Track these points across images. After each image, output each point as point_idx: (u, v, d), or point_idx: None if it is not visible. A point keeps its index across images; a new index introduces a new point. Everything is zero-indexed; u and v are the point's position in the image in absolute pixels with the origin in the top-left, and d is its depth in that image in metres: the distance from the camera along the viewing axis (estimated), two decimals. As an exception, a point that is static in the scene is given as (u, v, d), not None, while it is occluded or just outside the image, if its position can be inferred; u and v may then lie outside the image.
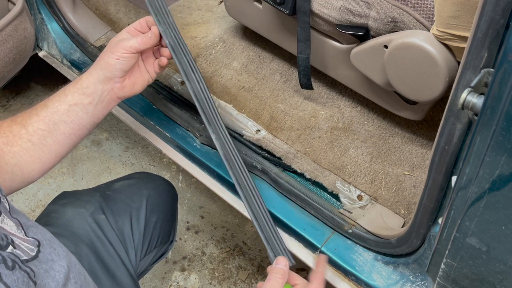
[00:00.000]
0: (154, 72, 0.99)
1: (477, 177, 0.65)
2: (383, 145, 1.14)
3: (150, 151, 1.79)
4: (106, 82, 0.91)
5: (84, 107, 0.89)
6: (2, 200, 0.61)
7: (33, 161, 0.85)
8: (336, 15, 0.99)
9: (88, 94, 0.89)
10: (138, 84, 0.96)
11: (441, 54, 0.88)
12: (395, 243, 0.91)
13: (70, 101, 0.88)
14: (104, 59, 0.91)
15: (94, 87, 0.90)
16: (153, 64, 0.98)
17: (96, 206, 0.98)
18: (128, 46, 0.91)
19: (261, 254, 1.54)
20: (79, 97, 0.89)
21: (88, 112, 0.90)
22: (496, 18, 0.57)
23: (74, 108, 0.89)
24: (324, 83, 1.26)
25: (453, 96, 0.67)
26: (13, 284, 0.52)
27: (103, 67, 0.91)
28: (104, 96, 0.91)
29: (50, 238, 0.66)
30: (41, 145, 0.86)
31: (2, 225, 0.58)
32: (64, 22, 1.41)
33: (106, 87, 0.91)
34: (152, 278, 1.50)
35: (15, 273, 0.54)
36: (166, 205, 1.08)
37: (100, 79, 0.90)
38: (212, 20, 1.43)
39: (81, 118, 0.89)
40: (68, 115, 0.88)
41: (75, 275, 0.66)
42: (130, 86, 0.95)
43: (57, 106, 0.88)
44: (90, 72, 0.91)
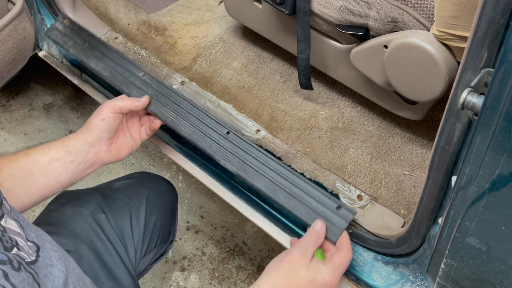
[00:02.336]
0: (139, 139, 1.02)
1: (477, 177, 0.65)
2: (383, 145, 1.14)
3: (150, 151, 1.79)
4: (93, 143, 0.93)
5: (65, 164, 0.90)
6: (4, 201, 0.61)
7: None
8: (336, 15, 0.99)
9: (72, 153, 0.91)
10: (123, 150, 0.99)
11: (441, 54, 0.88)
12: (395, 243, 0.91)
13: (53, 156, 0.89)
14: (90, 121, 0.95)
15: (81, 147, 0.92)
16: (139, 131, 1.02)
17: (96, 206, 0.98)
18: (113, 105, 0.95)
19: (261, 254, 1.55)
20: (62, 154, 0.90)
21: (67, 169, 0.90)
22: (496, 18, 0.57)
23: (54, 162, 0.89)
24: (324, 83, 1.26)
25: (453, 96, 0.67)
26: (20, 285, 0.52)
27: (91, 129, 0.93)
28: (89, 158, 0.92)
29: (50, 241, 0.66)
30: (10, 192, 0.84)
31: (6, 225, 0.58)
32: (64, 22, 1.41)
33: (92, 149, 0.93)
34: (152, 278, 1.50)
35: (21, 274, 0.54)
36: (166, 204, 1.08)
37: (88, 140, 0.92)
38: (212, 20, 1.43)
39: (58, 174, 0.89)
40: (46, 168, 0.88)
41: (74, 280, 0.66)
42: (116, 151, 0.97)
43: (39, 157, 0.88)
44: (78, 133, 0.94)
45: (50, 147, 0.90)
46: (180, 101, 1.06)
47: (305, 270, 0.80)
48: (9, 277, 0.52)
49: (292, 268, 0.80)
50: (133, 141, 1.01)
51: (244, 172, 0.98)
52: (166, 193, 1.10)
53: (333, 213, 0.90)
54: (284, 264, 0.81)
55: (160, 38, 1.36)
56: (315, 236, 0.85)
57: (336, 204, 0.91)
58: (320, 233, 0.86)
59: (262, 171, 0.97)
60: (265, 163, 0.97)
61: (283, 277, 0.79)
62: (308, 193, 0.93)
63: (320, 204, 0.91)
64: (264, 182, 0.96)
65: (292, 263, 0.81)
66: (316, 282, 0.80)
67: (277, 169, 0.96)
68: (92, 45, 1.21)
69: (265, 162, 0.97)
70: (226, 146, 1.00)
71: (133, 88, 1.09)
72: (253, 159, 0.98)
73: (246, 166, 0.98)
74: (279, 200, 0.94)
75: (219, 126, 1.02)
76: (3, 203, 0.60)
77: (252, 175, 0.97)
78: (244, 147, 1.00)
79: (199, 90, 1.25)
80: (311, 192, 0.93)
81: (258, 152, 0.99)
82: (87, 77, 1.37)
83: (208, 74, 1.28)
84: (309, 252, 0.82)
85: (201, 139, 1.02)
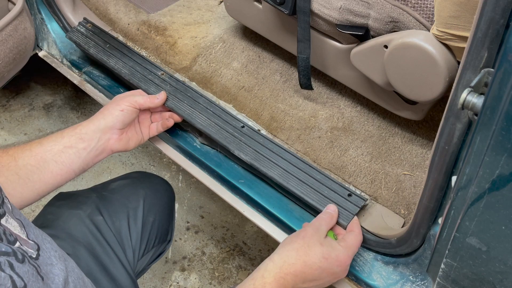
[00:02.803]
0: (147, 134, 1.07)
1: (477, 177, 0.65)
2: (383, 145, 1.14)
3: (150, 151, 1.79)
4: (105, 131, 0.95)
5: (78, 151, 0.92)
6: (5, 200, 0.61)
7: (14, 194, 0.85)
8: (336, 15, 0.99)
9: (84, 140, 0.93)
10: (132, 141, 1.03)
11: (441, 54, 0.88)
12: (395, 243, 0.91)
13: (66, 143, 0.91)
14: (108, 109, 0.97)
15: (93, 134, 0.94)
16: (149, 127, 1.07)
17: (93, 208, 0.98)
18: (134, 100, 0.99)
19: (261, 254, 1.55)
20: (75, 141, 0.92)
21: (80, 156, 0.92)
22: (496, 18, 0.57)
23: (68, 150, 0.91)
24: (324, 83, 1.26)
25: (453, 96, 0.67)
26: (25, 275, 0.53)
27: (106, 116, 0.96)
28: (100, 145, 0.95)
29: (50, 241, 0.66)
30: (27, 180, 0.86)
31: (6, 225, 0.58)
32: (64, 22, 1.41)
33: (104, 136, 0.95)
34: (152, 278, 1.50)
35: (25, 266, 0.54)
36: (163, 204, 1.08)
37: (101, 127, 0.95)
38: (212, 20, 1.43)
39: (72, 161, 0.91)
40: (60, 155, 0.90)
41: (74, 279, 0.66)
42: (125, 141, 1.00)
43: (52, 145, 0.90)
44: (91, 119, 0.96)
45: (63, 135, 0.92)
46: (197, 97, 1.13)
47: (319, 245, 0.81)
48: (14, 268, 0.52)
49: (306, 242, 0.81)
50: (141, 136, 1.05)
51: (258, 162, 1.03)
52: (163, 192, 1.10)
53: (344, 199, 0.95)
54: (299, 239, 0.82)
55: (160, 38, 1.37)
56: (328, 217, 0.89)
57: (348, 192, 0.96)
58: (333, 215, 0.90)
59: (275, 161, 1.02)
60: (278, 153, 1.03)
61: (297, 251, 0.80)
62: (320, 181, 0.98)
63: (331, 191, 0.97)
64: (277, 171, 1.01)
65: (307, 238, 0.82)
66: (329, 258, 0.81)
67: (289, 160, 1.02)
68: (113, 46, 1.28)
69: (278, 153, 1.03)
70: (240, 138, 1.06)
71: (151, 84, 1.16)
72: (267, 150, 1.04)
73: (260, 156, 1.03)
74: (292, 187, 0.99)
75: (235, 121, 1.09)
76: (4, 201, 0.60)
77: (266, 165, 1.02)
78: (258, 139, 1.06)
79: (199, 90, 1.25)
80: (322, 180, 0.98)
81: (272, 144, 1.05)
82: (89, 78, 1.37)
83: (208, 74, 1.28)
84: (322, 230, 0.85)
85: (217, 131, 1.07)
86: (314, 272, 0.80)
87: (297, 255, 0.80)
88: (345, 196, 0.96)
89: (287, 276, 0.78)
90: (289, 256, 0.80)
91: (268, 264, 0.80)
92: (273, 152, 1.03)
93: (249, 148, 1.05)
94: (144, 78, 1.18)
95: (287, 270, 0.79)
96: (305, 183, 0.98)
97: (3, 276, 0.50)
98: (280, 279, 0.78)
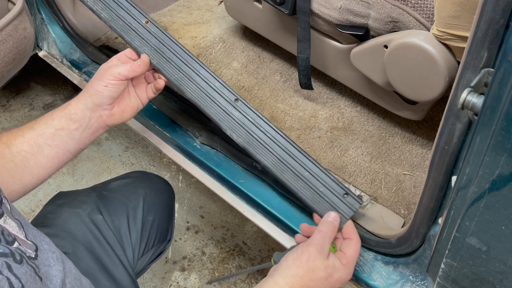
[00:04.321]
0: (146, 98, 0.98)
1: (477, 177, 0.65)
2: (383, 145, 1.14)
3: (150, 151, 1.79)
4: (94, 109, 0.90)
5: (70, 133, 0.89)
6: (4, 201, 0.61)
7: (14, 182, 0.84)
8: (336, 15, 0.99)
9: (75, 120, 0.89)
10: (127, 112, 0.96)
11: (441, 54, 0.88)
12: (395, 243, 0.91)
13: (57, 126, 0.88)
14: (92, 86, 0.91)
15: (82, 113, 0.89)
16: (146, 89, 0.98)
17: (92, 207, 0.97)
18: (117, 73, 0.90)
19: (261, 254, 1.55)
20: (66, 122, 0.89)
21: (74, 137, 0.90)
22: (496, 18, 0.57)
23: (60, 132, 0.88)
24: (324, 83, 1.26)
25: (453, 96, 0.67)
26: (23, 276, 0.53)
27: (92, 94, 0.90)
28: (92, 123, 0.91)
29: (48, 242, 0.66)
30: (23, 167, 0.85)
31: (4, 225, 0.58)
32: (64, 22, 1.41)
33: (94, 114, 0.90)
34: (152, 278, 1.50)
35: (23, 267, 0.54)
36: (163, 203, 1.08)
37: (88, 106, 0.90)
38: (212, 20, 1.43)
39: (66, 143, 0.89)
40: (53, 139, 0.87)
41: (71, 280, 0.66)
42: (119, 114, 0.94)
43: (43, 129, 0.87)
44: (78, 98, 0.91)
45: (53, 117, 0.89)
46: (186, 58, 0.98)
47: (323, 269, 0.81)
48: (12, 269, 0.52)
49: (310, 268, 0.80)
50: (138, 101, 0.97)
51: (251, 146, 0.94)
52: (163, 192, 1.10)
53: (340, 200, 0.89)
54: (303, 263, 0.81)
55: (160, 38, 1.36)
56: (330, 230, 0.85)
57: (344, 191, 0.90)
58: (335, 226, 0.86)
59: (271, 148, 0.93)
60: (273, 139, 0.94)
61: (302, 278, 0.80)
62: (316, 176, 0.91)
63: (327, 189, 0.90)
64: (271, 160, 0.93)
65: (311, 262, 0.81)
66: (331, 278, 0.81)
67: (286, 147, 0.93)
68: None
69: (274, 138, 0.94)
70: (233, 115, 0.96)
71: (134, 36, 1.00)
72: (262, 133, 0.94)
73: (254, 140, 0.94)
74: (285, 180, 0.92)
75: (228, 92, 0.97)
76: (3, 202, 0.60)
77: (260, 151, 0.93)
78: (252, 118, 0.95)
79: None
80: (319, 176, 0.91)
81: (267, 126, 0.95)
82: (89, 78, 1.37)
83: (208, 74, 1.28)
84: (326, 249, 0.83)
85: (208, 104, 0.97)
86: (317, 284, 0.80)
87: (301, 281, 0.80)
88: (341, 196, 0.90)
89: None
90: (294, 283, 0.80)
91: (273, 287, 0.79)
92: (268, 137, 0.94)
93: (242, 128, 0.95)
94: (126, 27, 1.01)
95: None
96: (300, 177, 0.91)
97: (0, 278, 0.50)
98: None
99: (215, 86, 0.97)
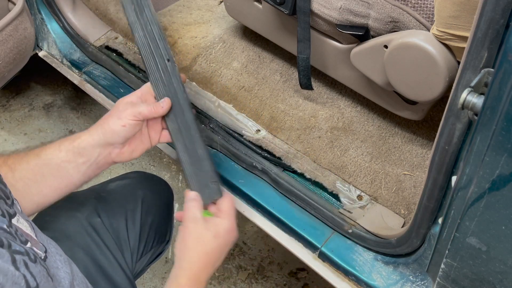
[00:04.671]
0: (157, 140, 0.94)
1: (477, 177, 0.65)
2: (383, 145, 1.14)
3: (150, 151, 1.79)
4: (105, 146, 0.87)
5: (77, 166, 0.86)
6: (15, 201, 0.61)
7: None
8: (336, 15, 0.99)
9: (83, 155, 0.86)
10: (137, 151, 0.92)
11: (441, 54, 0.88)
12: (395, 243, 0.91)
13: (63, 158, 0.85)
14: (108, 124, 0.86)
15: (92, 149, 0.86)
16: (161, 133, 0.94)
17: (91, 209, 0.97)
18: (138, 112, 0.86)
19: (261, 254, 1.55)
20: (73, 156, 0.86)
21: (80, 171, 0.87)
22: (496, 18, 0.57)
23: (66, 164, 0.85)
24: (324, 83, 1.26)
25: (453, 96, 0.67)
26: (37, 275, 0.53)
27: (106, 132, 0.86)
28: (100, 160, 0.88)
29: (55, 245, 0.66)
30: (24, 194, 0.83)
31: (18, 225, 0.58)
32: (64, 22, 1.41)
33: (104, 151, 0.87)
34: (152, 278, 1.50)
35: (38, 266, 0.54)
36: (162, 205, 1.07)
37: (101, 143, 0.86)
38: (212, 20, 1.43)
39: (71, 176, 0.86)
40: (58, 170, 0.85)
41: (78, 283, 0.67)
42: (129, 153, 0.91)
43: (49, 159, 0.85)
44: (91, 133, 0.87)
45: (60, 148, 0.86)
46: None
47: (206, 230, 0.86)
48: (28, 267, 0.52)
49: (195, 237, 0.86)
50: (149, 141, 0.93)
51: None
52: (162, 193, 1.10)
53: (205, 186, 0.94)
54: (187, 238, 0.86)
55: (160, 38, 1.36)
56: (193, 202, 0.90)
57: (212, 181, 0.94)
58: (196, 198, 0.91)
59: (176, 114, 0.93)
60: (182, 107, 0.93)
61: (194, 249, 0.85)
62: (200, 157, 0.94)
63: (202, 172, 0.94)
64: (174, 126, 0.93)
65: (193, 232, 0.86)
66: (220, 234, 0.86)
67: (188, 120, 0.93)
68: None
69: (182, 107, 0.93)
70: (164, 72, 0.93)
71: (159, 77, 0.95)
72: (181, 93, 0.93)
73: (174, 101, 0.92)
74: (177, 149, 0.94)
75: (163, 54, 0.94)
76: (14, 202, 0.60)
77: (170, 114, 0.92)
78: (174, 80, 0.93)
79: (199, 90, 1.25)
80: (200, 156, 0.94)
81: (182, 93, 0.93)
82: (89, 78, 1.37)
83: (208, 74, 1.28)
84: (198, 216, 0.88)
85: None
86: (216, 253, 0.86)
87: (196, 252, 0.84)
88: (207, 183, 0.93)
89: (199, 273, 0.83)
90: (191, 257, 0.84)
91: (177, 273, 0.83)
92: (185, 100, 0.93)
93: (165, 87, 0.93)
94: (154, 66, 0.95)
95: (196, 269, 0.83)
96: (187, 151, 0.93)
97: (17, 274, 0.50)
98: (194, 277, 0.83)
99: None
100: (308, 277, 1.49)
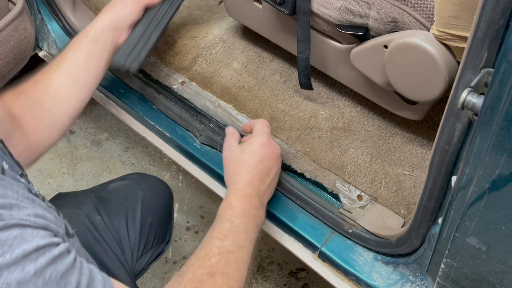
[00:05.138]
0: None
1: (477, 177, 0.66)
2: (383, 145, 1.14)
3: (150, 151, 1.79)
4: (115, 30, 1.00)
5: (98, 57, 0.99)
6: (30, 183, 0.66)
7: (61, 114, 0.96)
8: (336, 15, 0.99)
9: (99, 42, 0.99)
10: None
11: (441, 54, 0.88)
12: (395, 243, 0.91)
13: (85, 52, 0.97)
14: (114, 10, 1.01)
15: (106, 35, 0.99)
16: None
17: (91, 208, 0.98)
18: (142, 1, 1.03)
19: (261, 254, 1.55)
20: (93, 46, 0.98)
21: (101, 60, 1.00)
22: (496, 18, 0.57)
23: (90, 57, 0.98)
24: (324, 83, 1.26)
25: (453, 96, 0.67)
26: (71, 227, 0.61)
27: (113, 17, 1.00)
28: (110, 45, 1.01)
29: None
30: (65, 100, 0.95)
31: None
32: (64, 22, 1.41)
33: (114, 36, 1.00)
34: (152, 278, 1.50)
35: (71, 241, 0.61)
36: (162, 205, 1.08)
37: (109, 27, 1.00)
38: (212, 20, 1.43)
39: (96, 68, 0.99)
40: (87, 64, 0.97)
41: None
42: None
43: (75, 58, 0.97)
44: (100, 20, 1.00)
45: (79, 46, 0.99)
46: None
47: (242, 152, 0.93)
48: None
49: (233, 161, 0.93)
50: None
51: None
52: (162, 193, 1.10)
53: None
54: (227, 165, 0.94)
55: (160, 38, 1.36)
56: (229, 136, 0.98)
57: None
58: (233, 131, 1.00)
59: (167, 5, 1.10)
60: None
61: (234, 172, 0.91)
62: None
63: None
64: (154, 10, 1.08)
65: (230, 158, 0.93)
66: (256, 151, 0.92)
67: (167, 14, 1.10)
68: None
69: None
70: None
71: None
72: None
73: None
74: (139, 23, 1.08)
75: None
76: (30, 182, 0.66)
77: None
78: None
79: (199, 90, 1.25)
80: None
81: None
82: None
83: (208, 74, 1.28)
84: (234, 145, 0.96)
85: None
86: (260, 169, 0.91)
87: (237, 173, 0.91)
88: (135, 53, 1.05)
89: (245, 188, 0.88)
90: (234, 178, 0.91)
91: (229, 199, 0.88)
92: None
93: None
94: None
95: (241, 188, 0.88)
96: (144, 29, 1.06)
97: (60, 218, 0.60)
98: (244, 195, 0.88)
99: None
100: (308, 277, 1.49)
